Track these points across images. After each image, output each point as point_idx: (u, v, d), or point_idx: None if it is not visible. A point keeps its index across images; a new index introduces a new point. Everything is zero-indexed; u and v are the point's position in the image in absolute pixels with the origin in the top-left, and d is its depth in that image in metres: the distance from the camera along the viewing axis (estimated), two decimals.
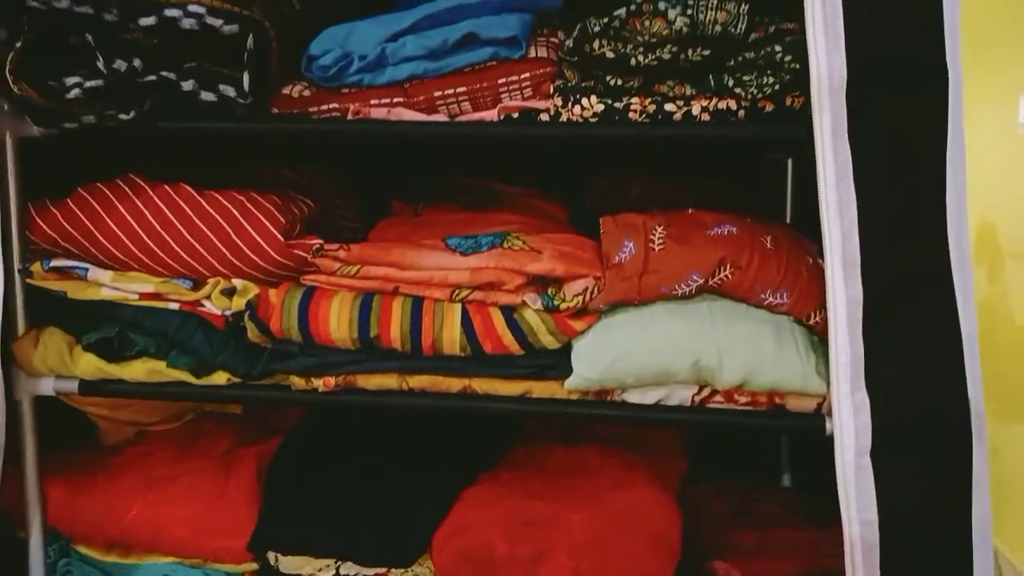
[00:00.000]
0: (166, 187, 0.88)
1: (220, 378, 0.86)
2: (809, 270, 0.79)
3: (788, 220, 1.01)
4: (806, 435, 0.78)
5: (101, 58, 0.80)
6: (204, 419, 1.07)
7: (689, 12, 0.73)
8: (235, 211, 0.87)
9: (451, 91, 0.82)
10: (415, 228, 0.95)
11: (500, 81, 0.82)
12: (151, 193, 0.88)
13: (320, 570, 0.92)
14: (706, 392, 0.80)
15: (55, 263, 0.87)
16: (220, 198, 0.88)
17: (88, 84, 0.81)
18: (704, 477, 1.05)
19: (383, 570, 0.91)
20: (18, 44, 0.80)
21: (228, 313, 0.87)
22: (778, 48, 0.73)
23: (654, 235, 0.81)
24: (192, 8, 0.79)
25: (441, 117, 0.83)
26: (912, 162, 0.71)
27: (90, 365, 0.87)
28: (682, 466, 1.02)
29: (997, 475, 2.34)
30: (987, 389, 2.15)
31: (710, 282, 0.78)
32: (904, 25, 0.70)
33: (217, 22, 0.78)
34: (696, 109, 0.77)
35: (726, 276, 0.78)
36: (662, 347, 0.78)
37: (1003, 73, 2.45)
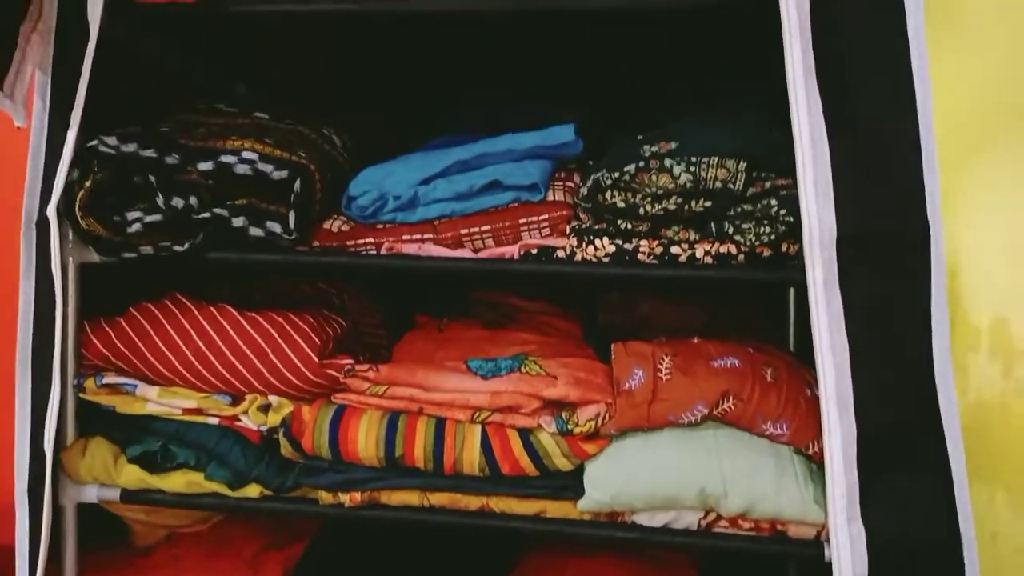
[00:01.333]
0: (211, 308, 0.96)
1: (253, 491, 0.92)
2: (807, 401, 0.84)
3: (791, 343, 1.07)
4: (807, 561, 0.82)
5: (161, 196, 0.89)
6: (232, 522, 1.12)
7: (692, 169, 0.81)
8: (273, 332, 0.94)
9: (476, 229, 0.90)
10: (439, 345, 1.02)
11: (521, 221, 0.90)
12: (196, 313, 0.95)
13: None
14: (712, 517, 0.84)
15: (107, 380, 0.94)
16: (260, 319, 0.95)
17: (148, 219, 0.89)
18: None
19: None
20: (88, 183, 0.89)
21: (264, 428, 0.93)
22: (774, 202, 0.81)
23: (662, 364, 0.87)
24: (246, 155, 0.88)
25: (466, 252, 0.91)
26: (901, 316, 0.77)
27: (133, 476, 0.93)
28: None
29: (1007, 568, 2.30)
30: (1003, 480, 2.18)
31: (714, 412, 0.84)
32: (891, 189, 0.77)
33: (268, 168, 0.87)
34: (700, 252, 0.84)
35: (729, 407, 0.83)
36: (670, 475, 0.83)
37: (1009, 169, 2.53)
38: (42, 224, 0.92)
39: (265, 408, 0.94)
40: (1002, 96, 2.64)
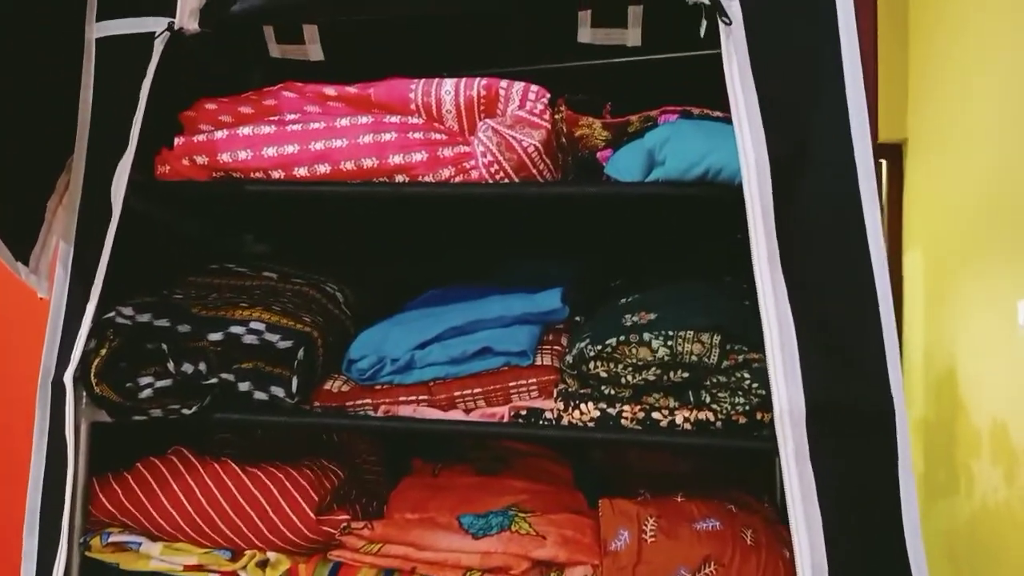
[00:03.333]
0: (214, 464, 1.00)
1: None
2: (786, 564, 0.87)
3: (779, 491, 1.10)
4: None
5: (172, 362, 0.94)
6: None
7: (669, 343, 0.87)
8: (273, 488, 0.98)
9: (468, 391, 0.95)
10: (433, 493, 1.06)
11: (511, 384, 0.95)
12: (200, 470, 1.00)
13: None
14: None
15: (112, 538, 0.97)
16: (260, 474, 0.99)
17: (159, 384, 0.94)
18: None
19: None
20: (103, 351, 0.94)
21: None
22: (747, 375, 0.86)
23: (646, 526, 0.91)
24: (253, 325, 0.94)
25: (459, 413, 0.96)
26: (871, 488, 0.82)
27: None
28: None
29: None
30: None
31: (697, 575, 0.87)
32: (855, 369, 0.83)
33: (274, 337, 0.93)
34: (679, 419, 0.89)
35: (711, 572, 0.87)
36: None
37: (1003, 278, 2.62)
38: (57, 386, 0.98)
39: (263, 564, 0.97)
40: (996, 203, 2.77)
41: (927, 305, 3.33)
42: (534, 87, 0.96)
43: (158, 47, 0.97)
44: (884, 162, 3.71)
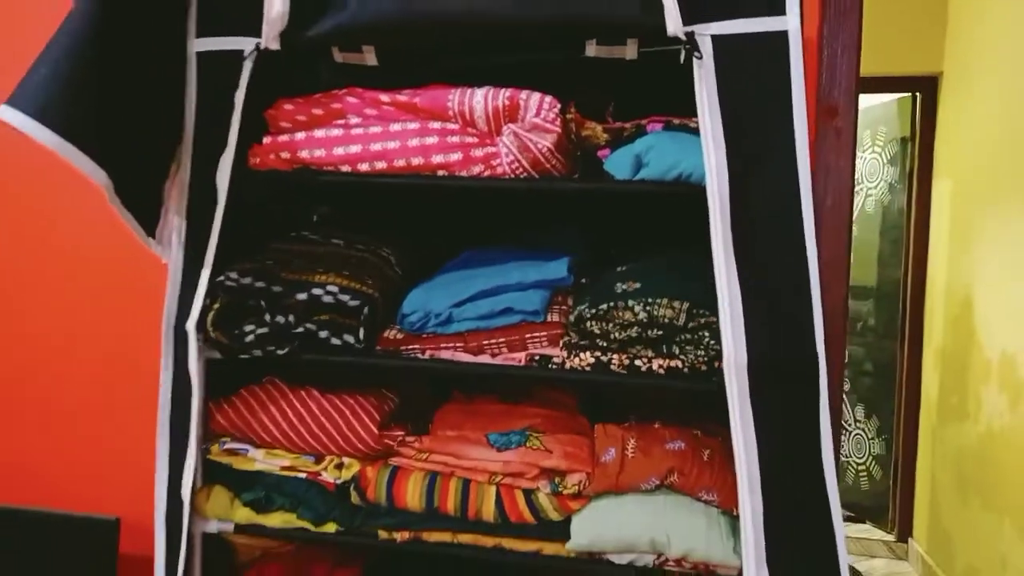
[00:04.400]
0: (300, 391, 1.30)
1: (331, 527, 1.26)
2: (733, 476, 1.15)
3: None
4: None
5: (268, 315, 1.23)
6: (308, 546, 1.46)
7: (648, 308, 1.13)
8: (346, 410, 1.27)
9: (494, 340, 1.22)
10: (467, 416, 1.34)
11: (526, 336, 1.22)
12: (290, 396, 1.29)
13: None
14: (662, 559, 1.16)
15: (227, 446, 1.29)
16: (336, 399, 1.29)
17: (258, 331, 1.23)
18: None
19: None
20: (216, 306, 1.23)
21: (338, 481, 1.27)
22: (706, 334, 1.12)
23: (628, 446, 1.19)
24: (329, 288, 1.22)
25: (486, 358, 1.23)
26: (797, 422, 1.07)
27: (244, 515, 1.27)
28: None
29: None
30: (1010, 507, 2.53)
31: (664, 482, 1.15)
32: (788, 328, 1.08)
33: (346, 298, 1.21)
34: (655, 366, 1.15)
35: (674, 480, 1.15)
36: (630, 528, 1.14)
37: (1017, 215, 2.76)
38: (179, 332, 1.27)
39: (339, 466, 1.27)
40: (1017, 141, 2.88)
41: (951, 239, 3.46)
42: (547, 98, 1.18)
43: (247, 66, 1.22)
44: (919, 95, 3.78)
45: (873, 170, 4.05)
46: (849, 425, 4.17)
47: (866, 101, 4.10)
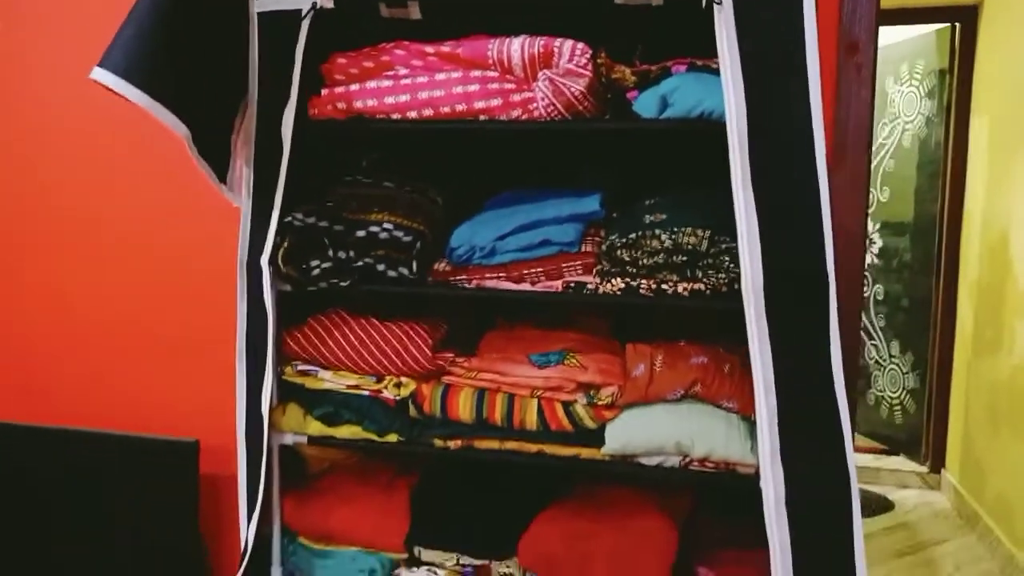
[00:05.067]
0: (361, 319, 1.45)
1: (392, 438, 1.42)
2: (750, 386, 1.27)
3: None
4: (749, 489, 1.25)
5: (332, 251, 1.37)
6: (370, 457, 1.64)
7: (674, 237, 1.24)
8: (402, 335, 1.42)
9: (534, 270, 1.35)
10: (510, 340, 1.48)
11: (563, 265, 1.34)
12: (353, 323, 1.45)
13: (447, 559, 1.46)
14: (687, 460, 1.29)
15: (299, 368, 1.45)
16: (393, 327, 1.43)
17: (323, 266, 1.38)
18: (712, 512, 1.52)
19: (486, 562, 1.44)
20: (285, 244, 1.38)
21: (398, 398, 1.42)
22: (726, 258, 1.23)
23: (656, 361, 1.31)
24: (385, 225, 1.35)
25: (527, 285, 1.36)
26: (809, 332, 1.19)
27: (316, 428, 1.44)
28: (689, 503, 1.51)
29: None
30: None
31: (688, 393, 1.28)
32: (799, 251, 1.18)
33: (400, 234, 1.35)
34: (680, 288, 1.27)
35: (698, 390, 1.28)
36: (658, 432, 1.28)
37: None
38: (252, 267, 1.42)
39: (398, 385, 1.43)
40: None
41: (989, 173, 3.45)
42: (579, 44, 1.28)
43: (305, 24, 1.34)
44: (958, 25, 3.73)
45: (910, 103, 4.00)
46: (884, 360, 4.22)
47: (904, 33, 4.03)
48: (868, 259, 4.28)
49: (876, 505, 3.64)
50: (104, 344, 2.14)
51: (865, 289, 4.32)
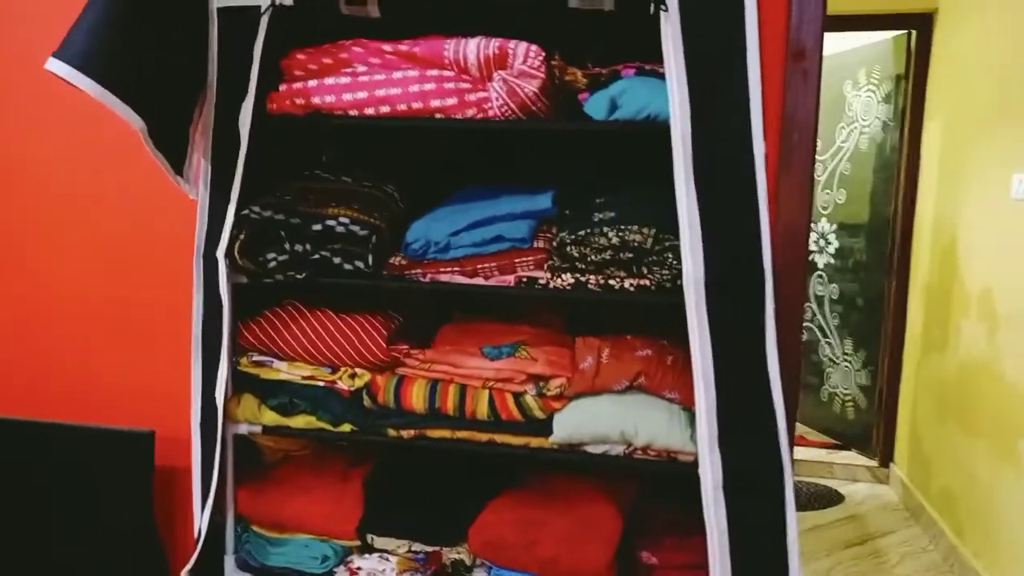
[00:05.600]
0: (317, 311, 1.48)
1: (346, 427, 1.45)
2: (691, 378, 1.32)
3: None
4: (688, 476, 1.31)
5: (288, 244, 1.40)
6: (326, 448, 1.66)
7: (621, 234, 1.29)
8: (357, 327, 1.45)
9: (487, 265, 1.39)
10: (466, 333, 1.52)
11: (516, 260, 1.38)
12: (308, 315, 1.47)
13: (399, 546, 1.49)
14: (631, 448, 1.34)
15: (254, 358, 1.47)
16: (348, 318, 1.46)
17: (280, 258, 1.40)
18: (656, 501, 1.58)
19: (437, 548, 1.47)
20: (242, 236, 1.40)
21: (352, 388, 1.45)
22: (670, 255, 1.28)
23: (603, 354, 1.36)
24: (342, 219, 1.38)
25: (480, 280, 1.40)
26: (745, 329, 1.24)
27: (270, 417, 1.46)
28: (634, 491, 1.56)
29: (986, 510, 2.83)
30: (983, 430, 2.72)
31: (633, 384, 1.33)
32: (738, 251, 1.24)
33: (356, 228, 1.37)
34: (627, 284, 1.32)
35: (642, 382, 1.33)
36: (603, 422, 1.33)
37: (998, 153, 2.87)
38: (208, 258, 1.44)
39: (353, 376, 1.46)
40: (1010, 79, 2.93)
41: (940, 177, 3.55)
42: (533, 47, 1.32)
43: (264, 20, 1.36)
44: (914, 32, 3.82)
45: (867, 108, 4.08)
46: (837, 358, 4.33)
47: (862, 39, 4.12)
48: (824, 259, 4.38)
49: (827, 498, 3.75)
50: (60, 335, 2.14)
51: (821, 288, 4.42)
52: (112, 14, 1.25)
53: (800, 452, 4.17)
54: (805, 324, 4.50)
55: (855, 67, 4.19)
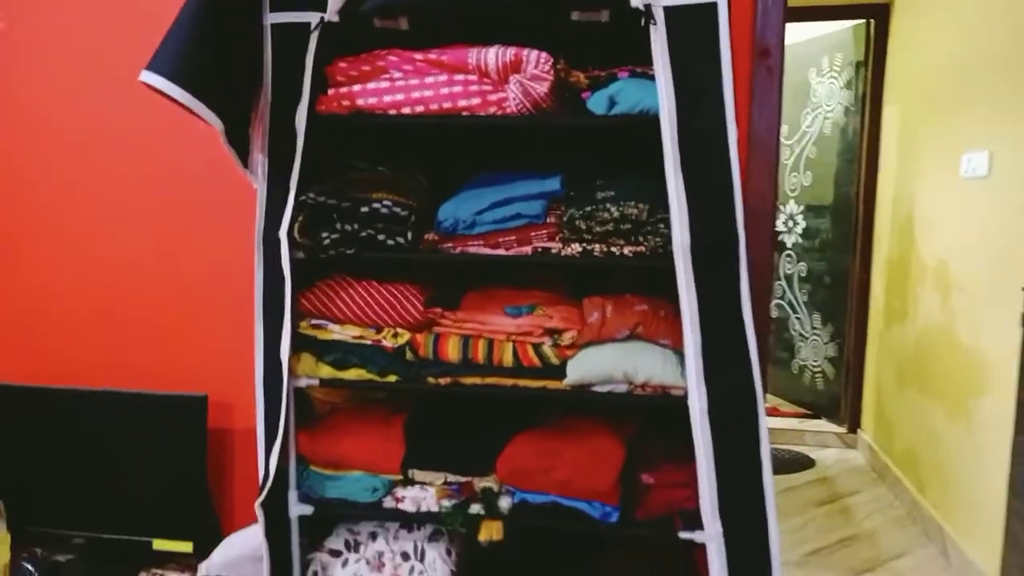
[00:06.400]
0: (364, 281, 1.73)
1: (392, 378, 1.71)
2: (680, 328, 1.60)
3: None
4: (680, 407, 1.58)
5: (339, 224, 1.65)
6: (368, 400, 1.92)
7: (620, 209, 1.56)
8: (398, 294, 1.71)
9: (507, 238, 1.65)
10: (488, 298, 1.78)
11: (532, 233, 1.65)
12: (356, 285, 1.73)
13: (436, 478, 1.76)
14: (632, 387, 1.62)
15: (312, 322, 1.73)
16: (390, 287, 1.72)
17: (332, 237, 1.66)
18: (653, 434, 1.85)
19: (469, 478, 1.74)
20: (300, 218, 1.65)
21: (395, 345, 1.71)
22: (662, 226, 1.55)
23: (607, 310, 1.64)
24: (385, 202, 1.64)
25: (501, 251, 1.67)
26: (725, 285, 1.51)
27: (327, 371, 1.72)
28: (632, 429, 1.84)
29: (945, 466, 3.14)
30: (939, 392, 3.05)
31: (632, 333, 1.61)
32: (718, 221, 1.51)
33: (397, 209, 1.63)
34: (626, 251, 1.59)
35: (640, 331, 1.61)
36: (609, 365, 1.60)
37: (949, 135, 3.13)
38: (268, 239, 1.69)
39: (395, 335, 1.72)
40: (961, 65, 3.16)
41: (898, 158, 3.82)
42: (543, 54, 1.59)
43: (314, 36, 1.61)
44: (872, 21, 4.08)
45: (830, 94, 4.33)
46: (807, 333, 4.61)
47: (824, 28, 4.34)
48: (792, 239, 4.67)
49: (800, 463, 4.03)
50: (122, 313, 2.38)
51: (790, 267, 4.71)
52: (193, 31, 1.50)
53: (774, 422, 4.45)
54: (776, 302, 4.77)
55: (818, 55, 4.43)
